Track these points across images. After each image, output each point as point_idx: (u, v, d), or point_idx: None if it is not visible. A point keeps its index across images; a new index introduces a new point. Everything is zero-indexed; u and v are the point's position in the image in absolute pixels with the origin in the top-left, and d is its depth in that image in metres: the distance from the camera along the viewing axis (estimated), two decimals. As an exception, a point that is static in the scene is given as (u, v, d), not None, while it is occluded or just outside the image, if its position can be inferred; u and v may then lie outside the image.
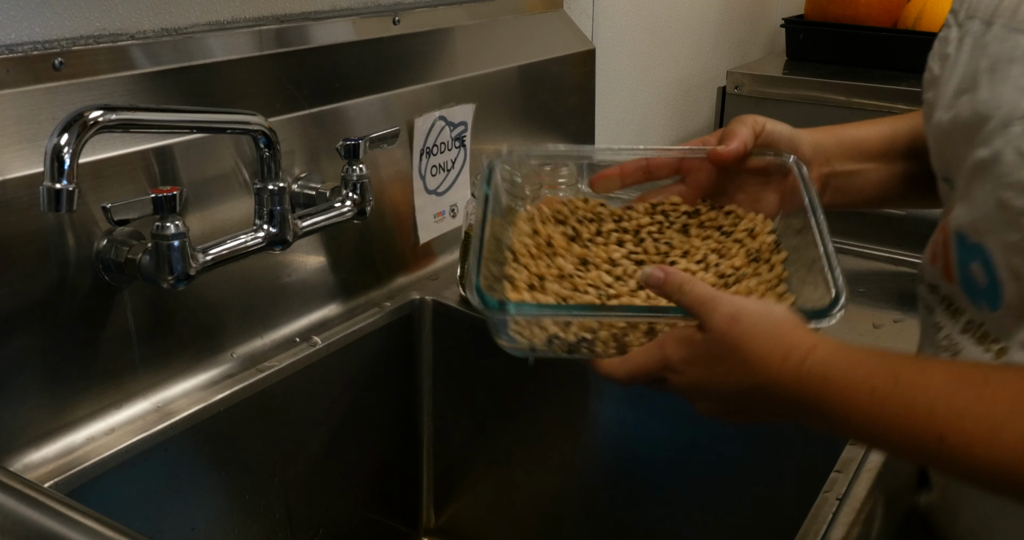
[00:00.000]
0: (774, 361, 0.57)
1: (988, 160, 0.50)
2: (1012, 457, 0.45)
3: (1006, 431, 0.45)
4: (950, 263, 0.56)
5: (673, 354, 0.62)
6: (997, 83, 0.51)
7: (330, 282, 1.01)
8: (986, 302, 0.53)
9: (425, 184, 1.12)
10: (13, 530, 0.55)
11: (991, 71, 0.52)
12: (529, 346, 0.67)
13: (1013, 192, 0.48)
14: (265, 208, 0.83)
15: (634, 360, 0.64)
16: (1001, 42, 0.53)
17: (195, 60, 0.87)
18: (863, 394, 0.52)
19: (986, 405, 0.46)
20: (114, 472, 0.77)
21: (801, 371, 0.55)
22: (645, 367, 0.63)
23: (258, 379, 0.89)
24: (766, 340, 0.57)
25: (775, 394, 0.57)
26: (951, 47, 0.57)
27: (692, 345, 0.61)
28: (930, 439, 0.48)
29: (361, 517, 1.06)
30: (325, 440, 0.99)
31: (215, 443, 0.86)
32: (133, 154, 0.78)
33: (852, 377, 0.53)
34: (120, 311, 0.79)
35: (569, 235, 0.76)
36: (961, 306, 0.57)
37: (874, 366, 0.53)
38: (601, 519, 1.05)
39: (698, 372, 0.61)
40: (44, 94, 0.75)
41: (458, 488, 1.13)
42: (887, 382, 0.51)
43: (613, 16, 1.60)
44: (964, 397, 0.47)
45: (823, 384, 0.54)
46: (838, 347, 0.56)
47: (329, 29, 1.01)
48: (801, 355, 0.56)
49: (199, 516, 0.86)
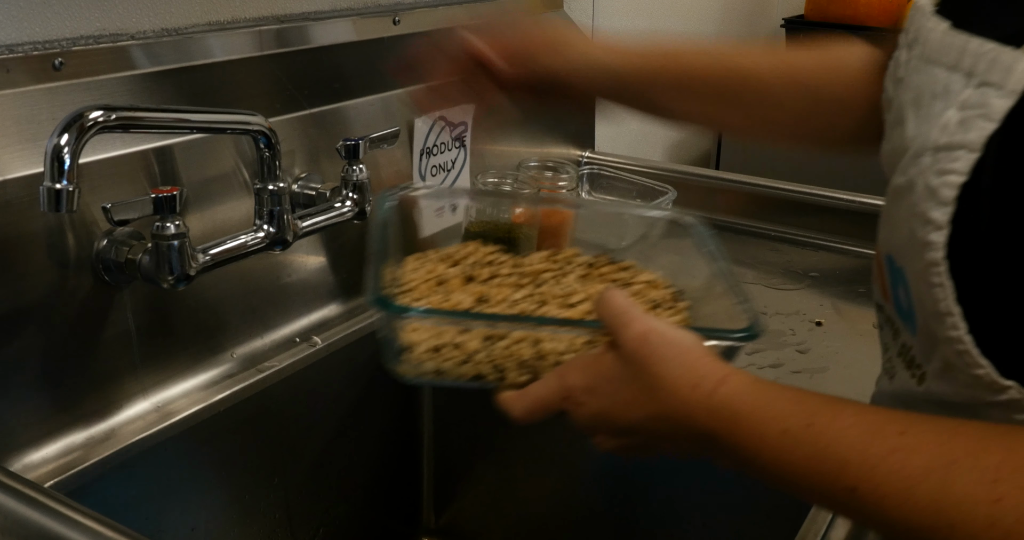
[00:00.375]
0: (683, 388, 0.54)
1: (903, 188, 0.49)
2: (924, 517, 0.43)
3: (919, 490, 0.43)
4: (885, 283, 0.56)
5: (575, 382, 0.59)
6: (922, 118, 0.50)
7: (330, 282, 1.01)
8: (910, 326, 0.53)
9: (425, 183, 1.12)
10: (13, 530, 0.55)
11: (915, 105, 0.51)
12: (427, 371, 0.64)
13: (918, 223, 0.47)
14: (265, 208, 0.83)
15: (532, 392, 0.60)
16: (918, 73, 0.52)
17: (195, 60, 0.87)
18: (774, 433, 0.50)
19: (901, 460, 0.44)
20: (114, 472, 0.77)
21: (711, 402, 0.53)
22: (545, 400, 0.60)
23: (258, 379, 0.89)
24: (676, 365, 0.55)
25: (681, 424, 0.54)
26: (902, 70, 0.56)
27: (597, 369, 0.58)
28: (841, 488, 0.46)
29: (361, 517, 1.06)
30: (325, 440, 0.99)
31: (215, 443, 0.86)
32: (133, 154, 0.78)
33: (764, 414, 0.51)
34: (120, 311, 0.79)
35: (464, 276, 0.73)
36: (898, 328, 0.56)
37: (788, 405, 0.51)
38: (601, 519, 1.05)
39: (601, 402, 0.58)
40: (44, 94, 0.75)
41: (458, 488, 1.13)
42: (800, 424, 0.49)
43: (613, 16, 1.60)
44: (878, 450, 0.45)
45: (733, 418, 0.52)
46: (751, 381, 0.53)
47: (329, 29, 1.01)
48: (712, 385, 0.53)
49: (199, 516, 0.86)
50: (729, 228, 1.36)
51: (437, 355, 0.63)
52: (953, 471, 0.43)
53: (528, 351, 0.63)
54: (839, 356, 0.98)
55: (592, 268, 0.76)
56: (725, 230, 1.36)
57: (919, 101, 0.51)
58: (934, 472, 0.43)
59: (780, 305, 1.11)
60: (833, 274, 1.21)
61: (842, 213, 1.30)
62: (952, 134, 0.47)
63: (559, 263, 0.76)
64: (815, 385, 0.93)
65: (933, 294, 0.47)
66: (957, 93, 0.48)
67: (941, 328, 0.48)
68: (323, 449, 0.99)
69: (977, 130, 0.45)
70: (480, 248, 0.77)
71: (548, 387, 0.60)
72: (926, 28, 0.53)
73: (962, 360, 0.47)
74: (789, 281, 1.19)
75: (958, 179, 0.46)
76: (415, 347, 0.63)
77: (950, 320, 0.47)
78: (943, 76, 0.49)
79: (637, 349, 0.56)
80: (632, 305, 0.58)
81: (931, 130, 0.48)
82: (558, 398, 0.59)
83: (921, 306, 0.50)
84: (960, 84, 0.48)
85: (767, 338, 1.03)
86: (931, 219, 0.47)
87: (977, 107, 0.46)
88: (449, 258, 0.75)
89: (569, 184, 1.16)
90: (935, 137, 0.48)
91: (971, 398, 0.49)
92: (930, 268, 0.47)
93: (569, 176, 1.17)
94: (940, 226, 0.46)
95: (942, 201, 0.46)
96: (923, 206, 0.47)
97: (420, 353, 0.63)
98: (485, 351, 0.63)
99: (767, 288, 1.16)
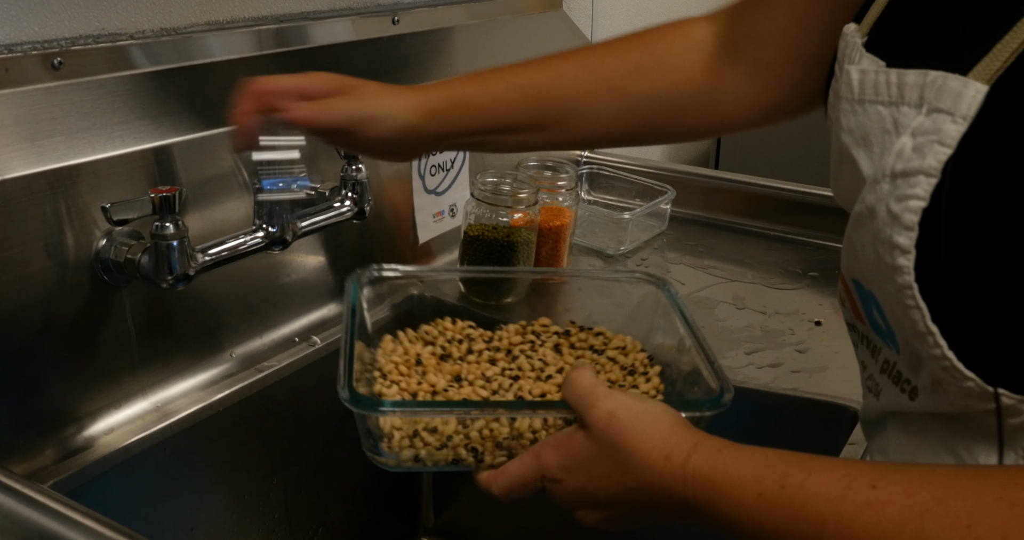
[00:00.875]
0: (656, 461, 0.55)
1: (865, 214, 0.50)
2: None
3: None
4: (857, 306, 0.56)
5: (550, 460, 0.60)
6: (876, 154, 0.50)
7: (329, 282, 1.01)
8: (892, 344, 0.53)
9: (424, 184, 1.12)
10: (13, 530, 0.55)
11: (864, 145, 0.51)
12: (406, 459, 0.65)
13: (884, 248, 0.48)
14: (264, 208, 0.83)
15: (510, 470, 0.62)
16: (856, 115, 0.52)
17: (194, 60, 0.87)
18: (750, 498, 0.50)
19: (875, 514, 0.45)
20: (113, 472, 0.77)
21: (685, 472, 0.54)
22: (522, 478, 0.61)
23: (257, 379, 0.89)
24: (645, 439, 0.56)
25: (658, 495, 0.55)
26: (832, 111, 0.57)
27: (570, 448, 0.59)
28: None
29: (360, 517, 1.06)
30: (324, 440, 0.99)
31: (214, 443, 0.86)
32: (132, 154, 0.78)
33: (738, 480, 0.51)
34: (119, 311, 0.79)
35: (439, 354, 0.75)
36: (876, 345, 0.56)
37: (759, 467, 0.51)
38: (600, 519, 1.05)
39: (577, 479, 0.59)
40: (43, 94, 0.75)
41: (458, 488, 1.13)
42: (774, 487, 0.49)
43: (612, 16, 1.60)
44: (852, 505, 0.46)
45: (708, 487, 0.53)
46: (721, 446, 0.54)
47: (328, 29, 1.01)
48: (684, 455, 0.54)
49: (198, 516, 0.86)
50: (728, 228, 1.36)
51: (415, 441, 0.65)
52: (927, 520, 0.43)
53: (504, 430, 0.64)
54: (838, 356, 0.98)
55: (564, 337, 0.78)
56: (724, 230, 1.36)
57: (867, 139, 0.51)
58: (908, 523, 0.44)
59: (779, 305, 1.11)
60: (832, 274, 1.21)
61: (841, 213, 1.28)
62: (908, 160, 0.47)
63: (531, 335, 0.78)
64: (814, 385, 0.93)
65: (910, 315, 0.48)
66: (908, 123, 0.48)
67: (923, 347, 0.48)
68: (322, 449, 0.99)
69: (932, 155, 0.46)
70: (455, 324, 0.79)
71: (525, 466, 0.62)
72: (846, 70, 0.53)
73: (949, 375, 0.48)
74: (789, 281, 1.19)
75: (919, 204, 0.47)
76: (392, 435, 0.65)
77: (930, 339, 0.47)
78: (887, 112, 0.50)
79: (605, 428, 0.57)
80: (596, 384, 0.60)
81: (886, 158, 0.49)
82: (535, 476, 0.61)
83: (899, 327, 0.50)
84: (909, 115, 0.48)
85: (767, 338, 1.03)
86: (897, 244, 0.47)
87: (931, 133, 0.47)
88: (424, 336, 0.77)
89: (568, 184, 1.17)
90: (892, 164, 0.48)
91: (965, 408, 0.49)
92: (903, 291, 0.48)
93: (568, 176, 1.17)
94: (907, 250, 0.47)
95: (906, 225, 0.47)
96: (887, 232, 0.48)
97: (398, 441, 0.65)
98: (461, 434, 0.64)
99: (767, 288, 1.17)
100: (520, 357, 0.75)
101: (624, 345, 0.77)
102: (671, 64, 0.76)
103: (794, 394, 0.91)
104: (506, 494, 0.63)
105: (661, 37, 0.77)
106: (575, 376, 0.61)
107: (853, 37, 0.55)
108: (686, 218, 1.38)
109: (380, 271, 0.79)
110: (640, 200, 1.36)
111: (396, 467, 0.66)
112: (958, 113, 0.46)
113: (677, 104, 0.76)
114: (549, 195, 1.14)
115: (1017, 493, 0.42)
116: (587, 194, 1.43)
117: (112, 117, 0.79)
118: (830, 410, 0.90)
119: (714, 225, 1.38)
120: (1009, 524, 0.41)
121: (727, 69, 0.74)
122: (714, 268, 1.22)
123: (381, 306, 0.81)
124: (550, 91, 0.76)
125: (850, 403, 0.87)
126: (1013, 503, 0.42)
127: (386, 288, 0.80)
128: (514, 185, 1.07)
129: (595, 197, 1.43)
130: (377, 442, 0.66)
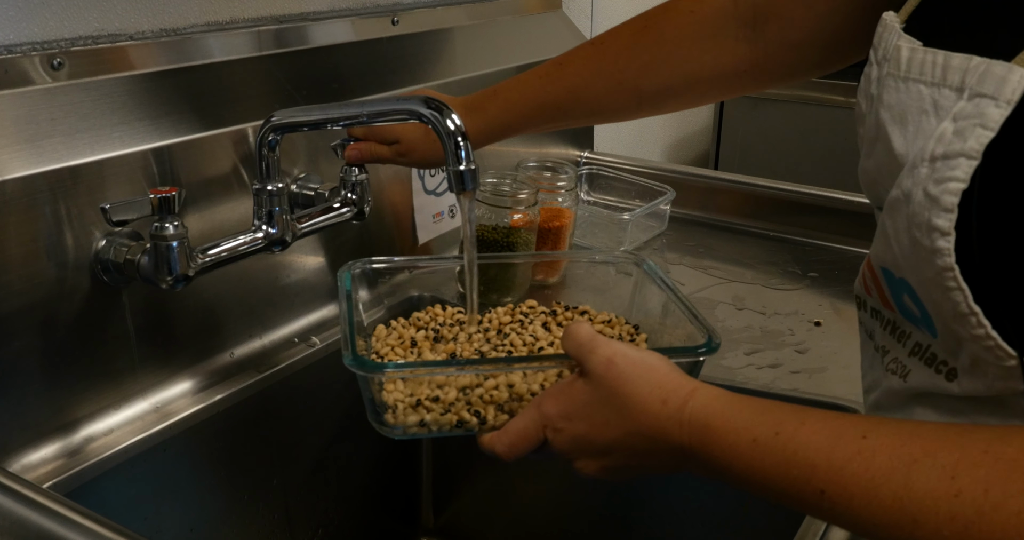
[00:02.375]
0: (653, 405, 0.57)
1: (900, 200, 0.51)
2: (889, 514, 0.45)
3: (883, 489, 0.46)
4: (885, 294, 0.57)
5: (551, 409, 0.62)
6: (911, 134, 0.51)
7: (329, 282, 1.01)
8: (926, 329, 0.54)
9: (424, 185, 1.12)
10: (12, 531, 0.55)
11: (900, 123, 0.53)
12: (411, 425, 0.67)
13: (921, 232, 0.49)
14: (264, 209, 0.83)
15: (513, 427, 0.64)
16: (897, 92, 0.53)
17: (194, 60, 0.87)
18: (745, 443, 0.52)
19: (864, 462, 0.47)
20: (113, 472, 0.77)
21: (682, 416, 0.55)
22: (525, 431, 0.63)
23: (257, 379, 0.89)
24: (643, 383, 0.58)
25: (656, 440, 0.57)
26: (873, 86, 0.57)
27: (570, 395, 0.61)
28: (811, 492, 0.49)
29: (360, 517, 1.06)
30: (324, 440, 0.99)
31: (214, 443, 0.86)
32: (132, 154, 0.78)
33: (733, 425, 0.53)
34: (119, 312, 0.79)
35: (431, 337, 0.77)
36: (906, 330, 0.57)
37: (755, 415, 0.53)
38: (599, 519, 1.05)
39: (577, 427, 0.61)
40: (43, 94, 0.75)
41: (458, 488, 1.13)
42: (768, 433, 0.51)
43: (612, 16, 1.60)
44: (843, 453, 0.48)
45: (704, 430, 0.54)
46: (718, 394, 0.56)
47: (328, 29, 1.01)
48: (681, 399, 0.56)
49: (198, 516, 0.86)
50: (728, 228, 1.36)
51: (419, 410, 0.67)
52: (914, 470, 0.45)
53: (504, 394, 0.67)
54: (838, 356, 0.98)
55: (551, 316, 0.81)
56: (724, 230, 1.36)
57: (904, 117, 0.52)
58: (896, 471, 0.46)
59: (779, 305, 1.11)
60: (832, 274, 1.21)
61: (841, 213, 1.30)
62: (949, 143, 0.48)
63: (520, 315, 0.81)
64: (814, 385, 0.93)
65: (951, 298, 0.49)
66: (949, 107, 0.49)
67: (965, 328, 0.49)
68: (322, 449, 0.99)
69: (975, 138, 0.47)
70: (445, 310, 0.82)
71: (527, 418, 0.63)
72: (896, 47, 0.54)
73: (992, 355, 0.49)
74: (788, 281, 1.19)
75: (959, 186, 0.47)
76: (397, 405, 0.67)
77: (973, 319, 0.48)
78: (927, 92, 0.51)
79: (604, 373, 0.59)
80: (595, 334, 0.62)
81: (926, 142, 0.50)
82: (537, 427, 0.63)
83: (938, 310, 0.51)
84: (951, 98, 0.49)
85: (767, 338, 1.03)
86: (936, 226, 0.48)
87: (973, 117, 0.47)
88: (416, 322, 0.80)
89: (568, 184, 1.17)
90: (932, 148, 0.49)
91: (1004, 390, 0.50)
92: (943, 273, 0.49)
93: (568, 176, 1.17)
94: (946, 232, 0.48)
95: (945, 207, 0.48)
96: (925, 215, 0.49)
97: (402, 410, 0.67)
98: (463, 401, 0.67)
99: (766, 288, 1.16)
100: (511, 334, 0.77)
101: (609, 319, 0.80)
102: (682, 57, 0.83)
103: (794, 394, 0.91)
104: (509, 451, 0.64)
105: (669, 22, 0.83)
106: (573, 328, 0.63)
107: (892, 23, 0.56)
108: (686, 218, 1.39)
109: (371, 264, 0.82)
110: (640, 201, 1.36)
111: (402, 435, 0.68)
112: (1002, 98, 0.47)
113: (689, 90, 0.85)
114: (549, 195, 1.14)
115: (1002, 448, 0.44)
116: (587, 195, 1.43)
117: (112, 118, 0.79)
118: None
119: (714, 226, 1.38)
120: (992, 477, 0.43)
121: (743, 46, 0.80)
122: (713, 269, 1.22)
123: (379, 307, 0.83)
124: (572, 104, 0.87)
125: (850, 403, 0.87)
126: (997, 458, 0.43)
127: (384, 289, 0.83)
128: (514, 186, 1.08)
129: (595, 197, 1.43)
130: (381, 413, 0.68)
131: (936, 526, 0.44)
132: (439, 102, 0.73)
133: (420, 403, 0.67)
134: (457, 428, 0.67)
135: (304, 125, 0.81)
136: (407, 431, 0.68)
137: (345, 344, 0.67)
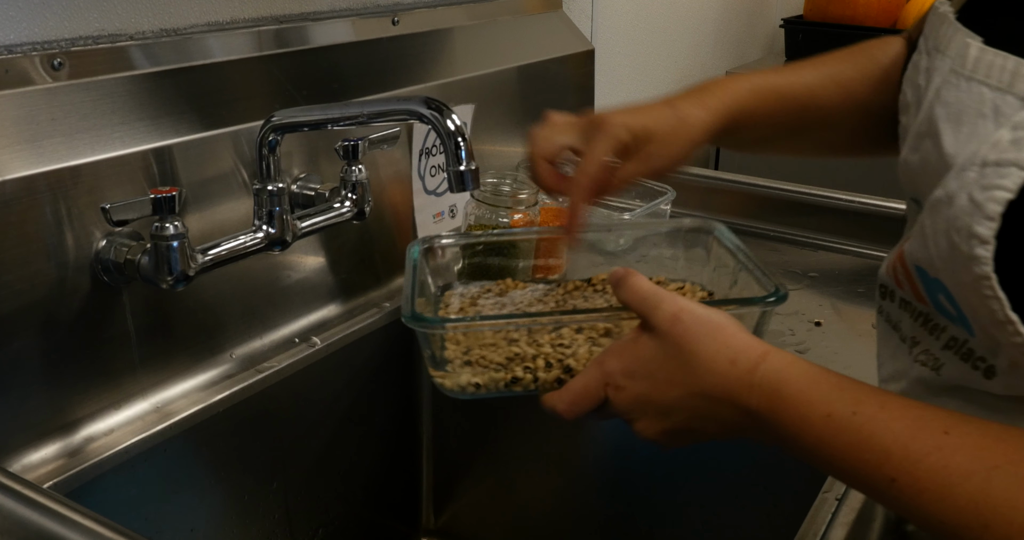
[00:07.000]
0: (720, 364, 0.55)
1: (943, 201, 0.50)
2: (960, 515, 0.44)
3: (958, 490, 0.44)
4: (919, 290, 0.56)
5: (613, 366, 0.60)
6: (965, 135, 0.50)
7: (329, 282, 1.01)
8: (963, 327, 0.53)
9: (424, 185, 1.12)
10: (12, 531, 0.55)
11: (955, 121, 0.51)
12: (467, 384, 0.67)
13: (960, 237, 0.48)
14: (264, 209, 0.83)
15: (574, 385, 0.62)
16: (956, 89, 0.52)
17: (194, 61, 0.87)
18: (818, 416, 0.50)
19: (943, 458, 0.46)
20: (113, 473, 0.77)
21: (752, 378, 0.53)
22: (586, 389, 0.61)
23: (257, 380, 0.89)
24: (711, 341, 0.56)
25: (721, 401, 0.55)
26: (921, 77, 0.56)
27: (634, 351, 0.59)
28: (880, 477, 0.47)
29: (361, 517, 1.06)
30: (324, 440, 0.99)
31: (214, 444, 0.86)
32: (132, 155, 0.78)
33: (807, 396, 0.51)
34: (119, 312, 0.79)
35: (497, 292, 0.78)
36: (940, 324, 0.56)
37: (832, 389, 0.51)
38: (600, 519, 1.05)
39: (640, 385, 0.58)
40: (43, 95, 0.75)
41: (458, 488, 1.13)
42: (845, 411, 0.50)
43: (612, 16, 1.60)
44: (921, 445, 0.46)
45: (775, 396, 0.52)
46: (792, 360, 0.54)
47: (328, 29, 1.01)
48: (751, 361, 0.54)
49: (198, 517, 0.86)
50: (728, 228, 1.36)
51: (472, 366, 0.67)
52: (995, 475, 0.44)
53: (557, 352, 0.66)
54: (838, 356, 0.98)
55: None
56: (724, 230, 1.36)
57: (959, 117, 0.51)
58: (976, 474, 0.44)
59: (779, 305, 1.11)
60: (832, 274, 1.21)
61: (841, 213, 1.30)
62: (1003, 151, 0.47)
63: (588, 287, 0.80)
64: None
65: (987, 305, 0.48)
66: (1010, 114, 0.48)
67: (1003, 334, 0.48)
68: (322, 450, 0.99)
69: None
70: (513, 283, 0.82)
71: (589, 376, 0.61)
72: (957, 41, 0.53)
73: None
74: (788, 281, 1.19)
75: (1006, 195, 0.46)
76: (453, 361, 0.67)
77: (1010, 327, 0.48)
78: (990, 96, 0.49)
79: (670, 329, 0.57)
80: (656, 288, 0.60)
81: (980, 146, 0.48)
82: (599, 385, 0.61)
83: (975, 314, 0.50)
84: (1014, 106, 0.48)
85: (767, 338, 1.02)
86: (976, 233, 0.47)
87: None
88: (485, 288, 0.81)
89: (568, 184, 1.16)
90: (984, 153, 0.48)
91: None
92: (980, 281, 0.48)
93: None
94: (986, 240, 0.47)
95: (988, 215, 0.47)
96: (965, 220, 0.48)
97: (457, 367, 0.67)
98: (518, 359, 0.66)
99: (766, 288, 1.16)
100: (578, 300, 0.76)
101: (682, 286, 0.79)
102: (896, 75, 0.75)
103: (794, 394, 0.91)
104: (570, 409, 0.62)
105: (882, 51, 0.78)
106: (631, 282, 0.60)
107: (947, 12, 0.55)
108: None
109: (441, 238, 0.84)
110: (640, 200, 1.36)
111: (461, 393, 0.68)
112: None
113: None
114: (549, 196, 1.14)
115: None
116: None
117: (112, 118, 0.79)
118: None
119: (714, 225, 1.37)
120: None
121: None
122: (714, 268, 1.22)
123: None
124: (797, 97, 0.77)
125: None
126: None
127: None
128: (514, 186, 1.07)
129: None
130: (442, 366, 0.68)
131: (1007, 534, 0.43)
132: (439, 102, 0.73)
133: (472, 362, 0.66)
134: (513, 385, 0.66)
135: (304, 125, 0.81)
136: (465, 390, 0.67)
137: (406, 302, 0.67)
